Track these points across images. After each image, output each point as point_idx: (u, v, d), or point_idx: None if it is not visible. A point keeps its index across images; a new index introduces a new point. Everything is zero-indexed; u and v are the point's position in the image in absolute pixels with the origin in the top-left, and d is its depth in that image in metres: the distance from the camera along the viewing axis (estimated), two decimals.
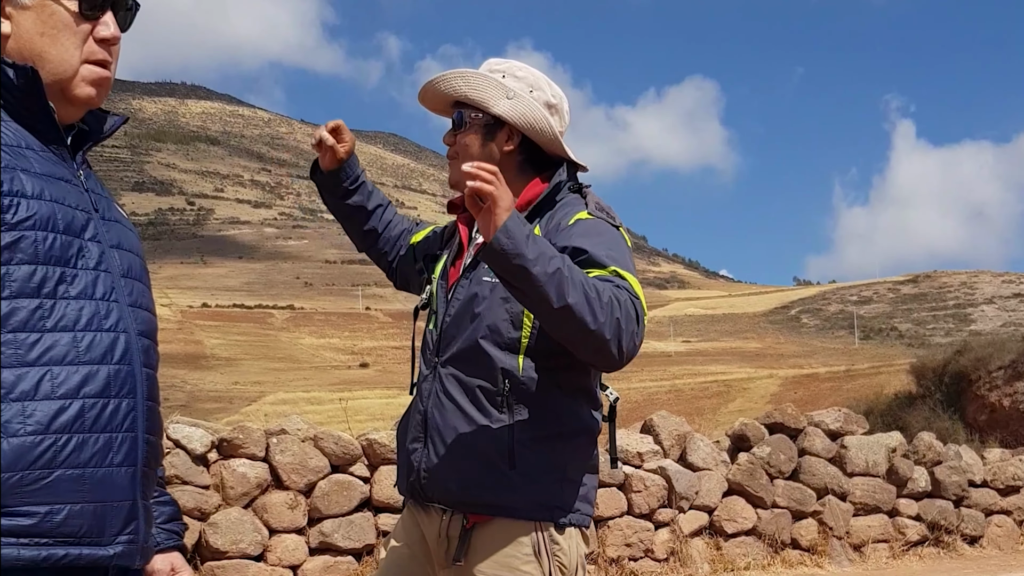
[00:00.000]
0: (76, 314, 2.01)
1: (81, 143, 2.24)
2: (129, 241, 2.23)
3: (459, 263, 3.09)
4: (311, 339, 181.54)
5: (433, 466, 2.92)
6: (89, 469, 1.97)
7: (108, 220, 2.19)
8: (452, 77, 3.03)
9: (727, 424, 13.39)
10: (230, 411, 74.50)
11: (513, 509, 2.84)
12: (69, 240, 2.04)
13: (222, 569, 7.98)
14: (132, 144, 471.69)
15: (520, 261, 2.52)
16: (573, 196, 3.03)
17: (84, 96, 2.16)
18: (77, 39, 2.13)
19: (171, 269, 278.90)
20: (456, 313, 2.96)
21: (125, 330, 2.10)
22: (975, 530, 11.77)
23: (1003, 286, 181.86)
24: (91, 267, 2.07)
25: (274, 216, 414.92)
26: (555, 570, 2.86)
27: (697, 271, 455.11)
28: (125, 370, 2.07)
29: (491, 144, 3.02)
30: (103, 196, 2.23)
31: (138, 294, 2.19)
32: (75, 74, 2.14)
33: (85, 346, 2.01)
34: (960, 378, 27.94)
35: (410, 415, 3.08)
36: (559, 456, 2.89)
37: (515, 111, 2.99)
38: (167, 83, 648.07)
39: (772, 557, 10.30)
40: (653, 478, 9.80)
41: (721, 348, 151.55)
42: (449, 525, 2.92)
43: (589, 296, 2.58)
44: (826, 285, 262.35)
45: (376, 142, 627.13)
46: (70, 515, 1.94)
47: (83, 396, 1.98)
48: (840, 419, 11.38)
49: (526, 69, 3.08)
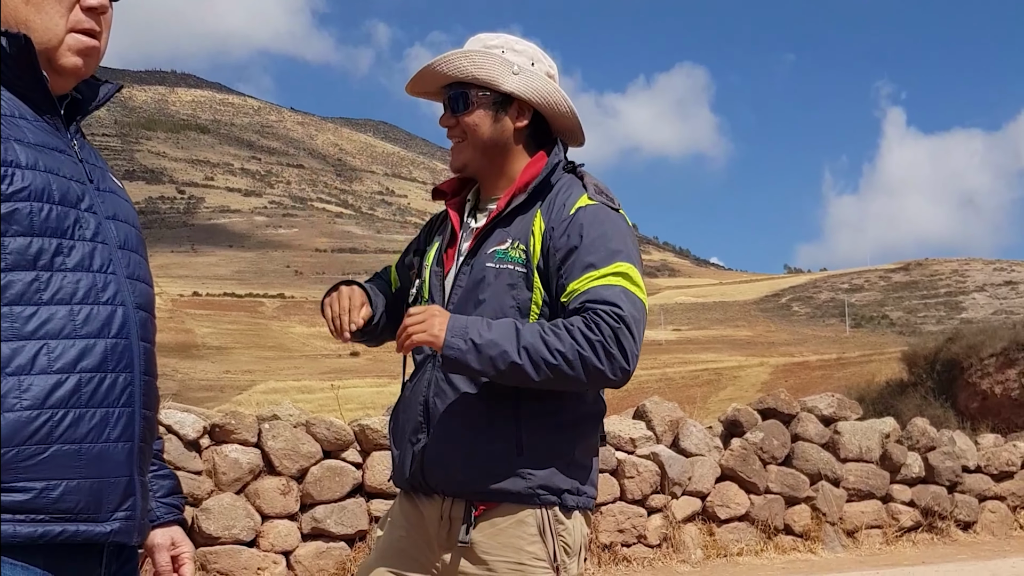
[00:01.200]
0: (73, 287, 1.99)
1: (75, 113, 2.21)
2: (125, 212, 2.20)
3: (452, 250, 3.05)
4: (301, 328, 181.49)
5: (437, 456, 2.87)
6: (86, 444, 1.96)
7: (103, 191, 2.16)
8: (455, 58, 2.96)
9: (718, 412, 13.36)
10: (221, 400, 74.29)
11: (521, 495, 2.81)
12: (65, 211, 2.01)
13: (215, 555, 7.96)
14: (122, 132, 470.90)
15: (474, 372, 2.74)
16: (569, 177, 3.00)
17: (71, 65, 2.13)
18: (62, 7, 2.10)
19: (161, 258, 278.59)
20: (459, 300, 2.91)
21: (123, 303, 2.07)
22: (969, 516, 11.78)
23: (994, 274, 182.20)
24: (88, 238, 2.04)
25: (264, 205, 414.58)
26: (560, 551, 2.85)
27: (687, 259, 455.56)
28: (122, 344, 2.05)
29: (503, 121, 2.97)
30: (97, 166, 2.20)
31: (135, 266, 2.16)
32: (60, 43, 2.10)
33: (82, 319, 1.99)
34: (952, 366, 27.99)
35: (406, 405, 3.02)
36: (566, 441, 2.87)
37: (527, 86, 2.95)
38: (157, 71, 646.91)
39: (765, 543, 10.30)
40: (646, 464, 9.79)
41: (712, 336, 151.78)
42: (452, 507, 2.88)
43: (551, 364, 2.68)
44: (817, 273, 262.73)
45: (366, 130, 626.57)
46: (66, 491, 1.92)
47: (80, 370, 1.96)
48: (833, 405, 11.38)
49: (522, 42, 3.04)
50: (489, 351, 2.67)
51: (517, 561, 2.80)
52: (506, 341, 2.68)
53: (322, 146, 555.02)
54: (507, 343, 2.68)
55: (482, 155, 2.99)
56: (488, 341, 2.68)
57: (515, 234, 2.90)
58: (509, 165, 3.02)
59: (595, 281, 2.76)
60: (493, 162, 3.01)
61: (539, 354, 2.67)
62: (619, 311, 2.70)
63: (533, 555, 2.81)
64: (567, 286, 2.80)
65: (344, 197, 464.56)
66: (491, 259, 2.89)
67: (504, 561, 2.81)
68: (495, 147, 2.99)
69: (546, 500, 2.83)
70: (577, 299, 2.76)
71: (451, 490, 2.87)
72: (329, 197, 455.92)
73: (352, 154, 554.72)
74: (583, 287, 2.76)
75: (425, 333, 2.71)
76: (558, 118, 3.03)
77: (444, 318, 2.73)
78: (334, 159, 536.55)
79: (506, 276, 2.86)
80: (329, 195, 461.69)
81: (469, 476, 2.83)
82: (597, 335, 2.67)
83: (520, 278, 2.86)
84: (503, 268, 2.86)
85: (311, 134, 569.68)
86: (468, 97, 2.96)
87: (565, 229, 2.85)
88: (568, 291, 2.79)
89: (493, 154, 3.00)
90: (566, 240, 2.83)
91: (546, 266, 2.85)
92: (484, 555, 2.82)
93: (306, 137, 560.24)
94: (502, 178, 3.02)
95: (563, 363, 2.67)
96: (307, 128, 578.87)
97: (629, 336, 2.70)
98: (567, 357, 2.67)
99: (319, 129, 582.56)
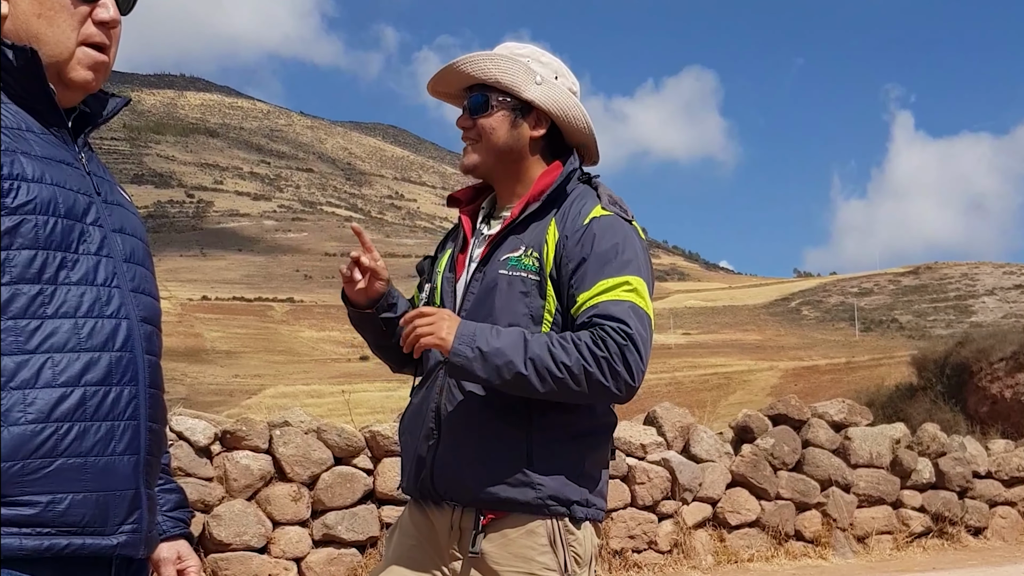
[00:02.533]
0: (77, 300, 1.99)
1: (83, 126, 2.21)
2: (132, 225, 2.20)
3: (463, 256, 3.05)
4: (311, 332, 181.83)
5: (448, 464, 2.86)
6: (91, 458, 1.95)
7: (110, 204, 2.16)
8: (480, 59, 2.97)
9: (728, 416, 13.36)
10: (230, 404, 74.47)
11: (530, 505, 2.81)
12: (70, 224, 2.01)
13: (226, 561, 7.96)
14: (131, 136, 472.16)
15: (478, 380, 2.75)
16: (584, 187, 3.01)
17: (81, 80, 2.13)
18: (74, 21, 2.10)
19: (170, 262, 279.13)
20: (471, 306, 2.91)
21: (127, 316, 2.07)
22: (979, 521, 11.74)
23: (1004, 277, 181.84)
24: (93, 252, 2.04)
25: (273, 208, 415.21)
26: (571, 561, 2.84)
27: (697, 263, 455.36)
28: (127, 357, 2.04)
29: (520, 128, 2.98)
30: (105, 179, 2.20)
31: (140, 279, 2.16)
32: (71, 57, 2.11)
33: (87, 333, 1.98)
34: (961, 370, 27.93)
35: (416, 411, 3.01)
36: (577, 452, 2.87)
37: (548, 97, 2.97)
38: (166, 75, 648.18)
39: (776, 549, 10.29)
40: (656, 470, 9.78)
41: (721, 340, 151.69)
42: (462, 517, 2.87)
43: (557, 377, 2.69)
44: (826, 277, 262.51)
45: (375, 134, 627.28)
46: (72, 504, 1.92)
47: (84, 384, 1.96)
48: (844, 410, 11.36)
49: (548, 55, 3.06)
50: (495, 360, 2.68)
51: (528, 572, 2.80)
52: (513, 351, 2.69)
53: (331, 150, 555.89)
54: (514, 353, 2.69)
55: (495, 159, 3.00)
56: (495, 350, 2.69)
57: (528, 242, 2.91)
58: (523, 172, 3.02)
59: (605, 295, 2.78)
60: (507, 168, 3.02)
61: (545, 366, 2.68)
62: (627, 329, 2.72)
63: (544, 565, 2.81)
64: (577, 296, 2.81)
65: (353, 201, 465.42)
66: (504, 266, 2.89)
67: (515, 571, 2.80)
68: (509, 153, 2.99)
69: (555, 511, 2.82)
70: (586, 312, 2.77)
71: (460, 498, 2.86)
72: (338, 201, 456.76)
73: (361, 158, 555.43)
74: (593, 300, 2.78)
75: (433, 336, 2.71)
76: (575, 133, 3.04)
77: (453, 323, 2.73)
78: (343, 163, 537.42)
79: (519, 283, 2.86)
80: (338, 199, 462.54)
81: (478, 484, 2.82)
82: (604, 352, 2.69)
83: (533, 286, 2.86)
84: (516, 275, 2.87)
85: (320, 138, 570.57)
86: (488, 100, 2.97)
87: (579, 239, 2.86)
88: (578, 302, 2.80)
89: (507, 160, 3.00)
90: (579, 250, 2.84)
91: (559, 275, 2.86)
92: (495, 565, 2.81)
93: (315, 141, 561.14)
94: (516, 185, 3.03)
95: (568, 377, 2.68)
96: (316, 132, 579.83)
97: (635, 354, 2.71)
98: (572, 371, 2.68)
99: (328, 133, 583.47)
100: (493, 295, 2.88)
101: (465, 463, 2.84)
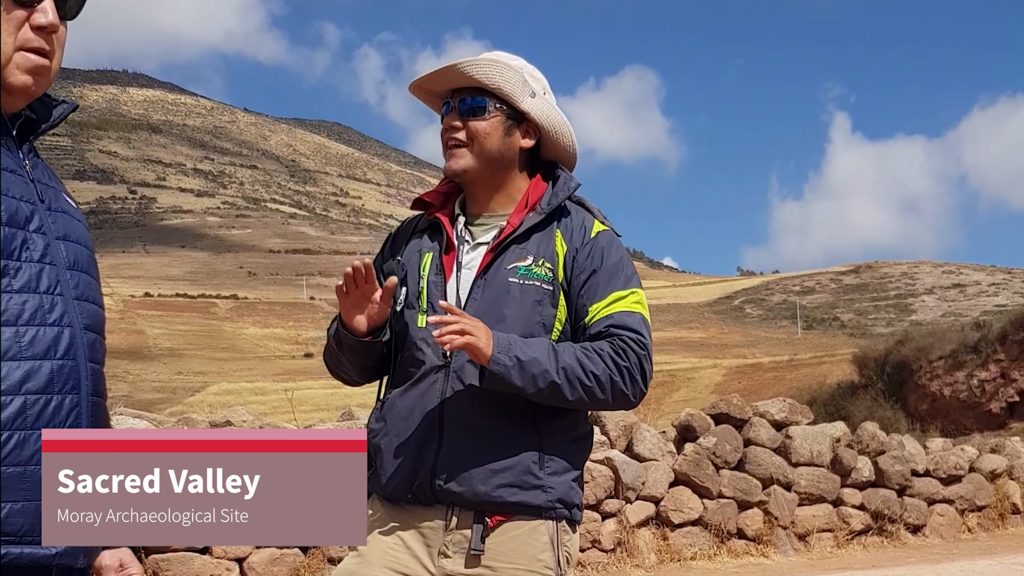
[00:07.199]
0: (19, 308, 1.97)
1: (28, 132, 2.19)
2: (77, 232, 2.19)
3: (448, 259, 3.00)
4: (255, 329, 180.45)
5: (455, 467, 2.84)
6: (31, 467, 1.94)
7: (55, 211, 2.15)
8: (484, 64, 2.97)
9: (672, 414, 13.43)
10: (173, 402, 73.77)
11: (540, 508, 2.86)
12: (12, 232, 1.99)
13: (167, 562, 7.91)
14: (73, 132, 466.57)
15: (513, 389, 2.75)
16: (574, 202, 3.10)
17: (19, 84, 2.10)
18: (10, 26, 2.07)
19: (112, 258, 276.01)
20: (476, 313, 2.85)
21: (70, 324, 2.06)
22: (918, 519, 11.90)
23: (943, 276, 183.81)
24: (35, 260, 2.03)
25: (217, 205, 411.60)
26: (563, 561, 2.92)
27: (642, 261, 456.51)
28: (69, 365, 2.03)
29: (512, 136, 3.01)
30: (50, 186, 2.18)
31: (84, 287, 2.14)
32: (9, 62, 2.08)
33: (28, 341, 1.97)
34: (902, 368, 28.30)
35: (406, 413, 2.93)
36: (578, 457, 2.98)
37: (542, 111, 3.02)
38: (108, 71, 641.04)
39: (718, 547, 10.36)
40: (600, 468, 9.82)
41: (665, 338, 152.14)
42: (459, 516, 2.86)
43: (586, 385, 2.78)
44: (769, 275, 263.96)
45: (320, 131, 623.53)
46: (11, 513, 1.91)
47: (25, 392, 1.95)
48: (785, 409, 11.47)
49: (537, 71, 3.11)
50: (532, 369, 2.74)
51: (528, 568, 2.84)
52: (546, 360, 2.76)
53: (275, 147, 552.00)
54: (548, 362, 2.76)
55: (485, 165, 3.00)
56: (531, 359, 2.74)
57: (537, 252, 2.95)
58: (508, 183, 3.05)
59: (616, 306, 2.90)
60: (493, 176, 3.03)
61: (576, 376, 2.78)
62: (643, 339, 2.87)
63: (544, 564, 2.86)
64: (589, 307, 2.90)
65: (298, 198, 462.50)
66: (513, 275, 2.91)
67: (514, 567, 2.83)
68: (499, 161, 3.00)
69: (560, 514, 2.89)
70: (601, 322, 2.88)
71: (466, 501, 2.84)
72: (283, 198, 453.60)
73: (306, 155, 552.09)
74: (606, 310, 2.89)
75: (475, 340, 2.69)
76: (558, 149, 3.10)
77: (489, 331, 2.75)
78: (288, 160, 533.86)
79: (532, 292, 2.90)
80: (283, 196, 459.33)
81: (489, 487, 2.82)
82: (625, 362, 2.82)
83: (547, 295, 2.91)
84: (529, 284, 2.91)
85: (264, 135, 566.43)
86: (486, 105, 2.98)
87: (589, 252, 2.95)
88: (590, 312, 2.89)
89: (495, 167, 3.01)
90: (589, 263, 2.94)
91: (569, 286, 2.93)
92: (492, 561, 2.83)
93: (259, 138, 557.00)
94: (496, 193, 3.05)
95: (596, 386, 2.79)
96: (260, 129, 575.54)
97: (649, 364, 2.88)
98: (600, 380, 2.79)
99: (272, 130, 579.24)
100: (504, 303, 2.89)
101: (475, 467, 2.84)
